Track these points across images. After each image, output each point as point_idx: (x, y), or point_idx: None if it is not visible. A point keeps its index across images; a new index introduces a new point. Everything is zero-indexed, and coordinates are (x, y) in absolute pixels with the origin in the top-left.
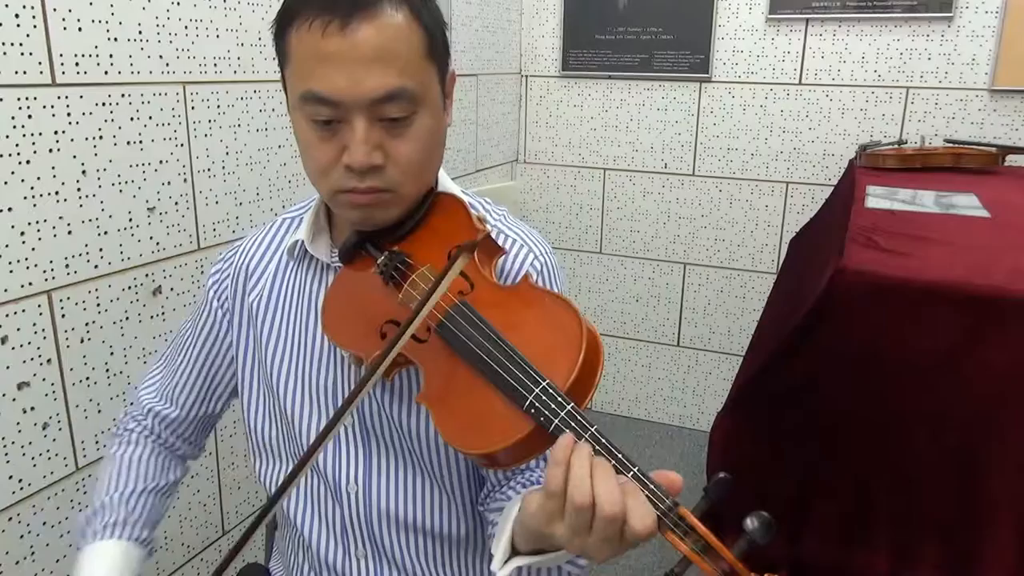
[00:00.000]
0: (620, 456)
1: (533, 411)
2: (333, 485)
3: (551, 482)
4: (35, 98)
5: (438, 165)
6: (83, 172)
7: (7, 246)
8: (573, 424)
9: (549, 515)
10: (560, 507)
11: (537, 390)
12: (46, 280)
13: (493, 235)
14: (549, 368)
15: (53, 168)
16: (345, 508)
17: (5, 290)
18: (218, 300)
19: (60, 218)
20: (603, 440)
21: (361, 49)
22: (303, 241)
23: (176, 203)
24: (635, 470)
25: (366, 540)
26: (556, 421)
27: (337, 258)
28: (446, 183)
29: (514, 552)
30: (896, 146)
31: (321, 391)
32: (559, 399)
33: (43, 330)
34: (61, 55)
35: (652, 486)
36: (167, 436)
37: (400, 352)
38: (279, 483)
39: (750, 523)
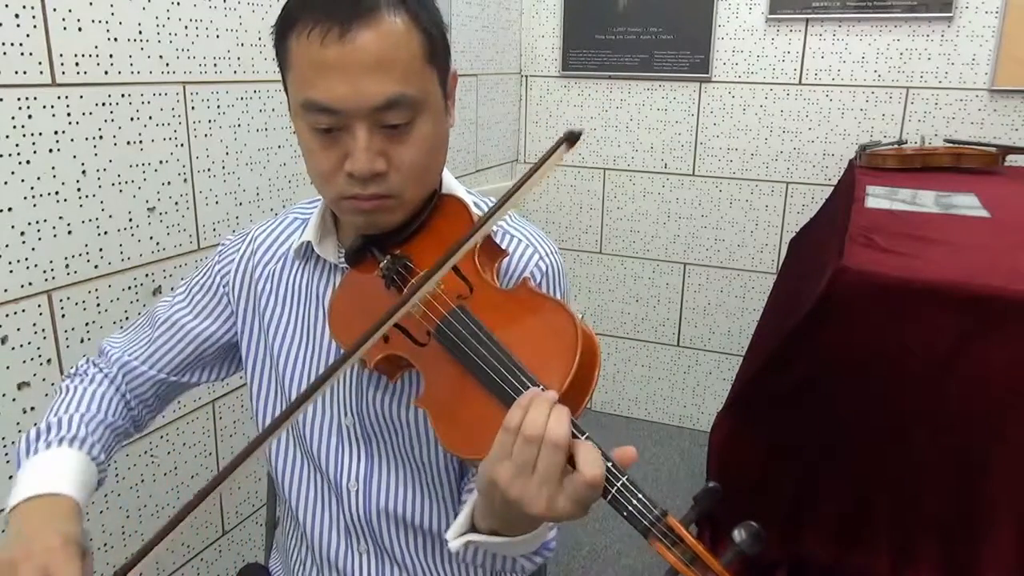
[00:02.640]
0: (610, 465)
1: None
2: (335, 483)
3: (509, 419)
4: (35, 98)
5: (441, 168)
6: (83, 172)
7: (7, 246)
8: None
9: (501, 450)
10: (511, 441)
11: None
12: (46, 280)
13: (499, 236)
14: (544, 374)
15: (53, 168)
16: (346, 505)
17: (5, 290)
18: (222, 281)
19: (60, 218)
20: (595, 449)
21: (360, 57)
22: (310, 243)
23: (176, 203)
24: (624, 479)
25: (367, 536)
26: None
27: (344, 259)
28: (451, 184)
29: (473, 529)
30: (896, 146)
31: (328, 390)
32: None
33: (43, 330)
34: (61, 55)
35: (641, 495)
36: (125, 391)
37: (400, 355)
38: (287, 475)
39: (738, 534)
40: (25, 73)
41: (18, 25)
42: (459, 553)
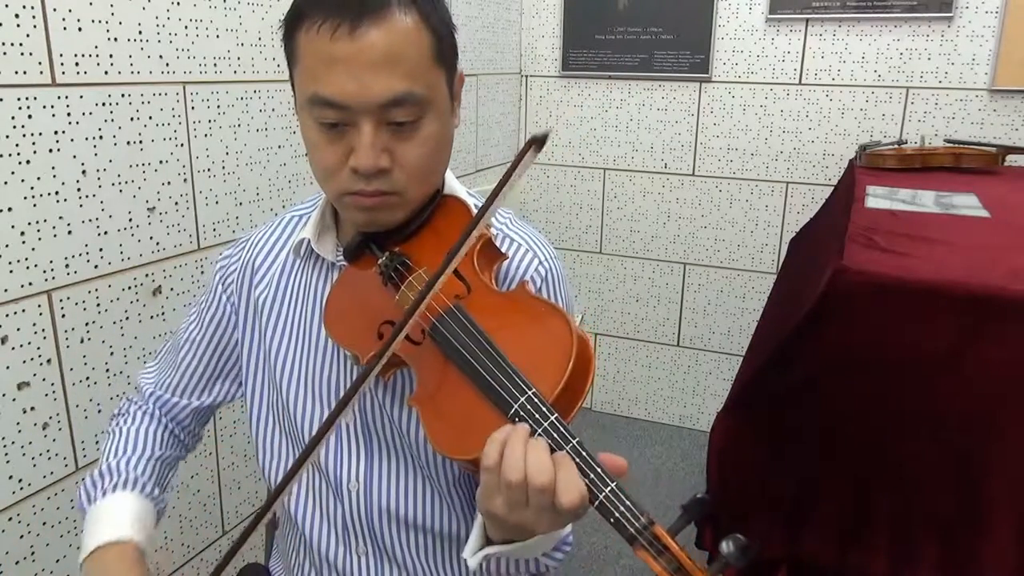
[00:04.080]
0: (599, 471)
1: (518, 420)
2: (334, 483)
3: (486, 457)
4: (35, 98)
5: (444, 168)
6: (83, 172)
7: (7, 246)
8: (555, 435)
9: (487, 489)
10: (496, 482)
11: (523, 399)
12: (46, 280)
13: (498, 239)
14: (537, 377)
15: (53, 168)
16: (346, 505)
17: (5, 290)
18: (226, 293)
19: (60, 218)
20: (583, 453)
21: (369, 53)
22: (309, 240)
23: (176, 203)
24: (612, 485)
25: (367, 537)
26: (539, 431)
27: (342, 257)
28: (452, 185)
29: (487, 542)
30: (896, 146)
31: (324, 389)
32: (543, 409)
33: (43, 330)
34: (61, 55)
35: (629, 502)
36: (167, 422)
37: (395, 353)
38: (280, 479)
39: (726, 547)
40: (25, 73)
41: (18, 25)
42: (481, 567)
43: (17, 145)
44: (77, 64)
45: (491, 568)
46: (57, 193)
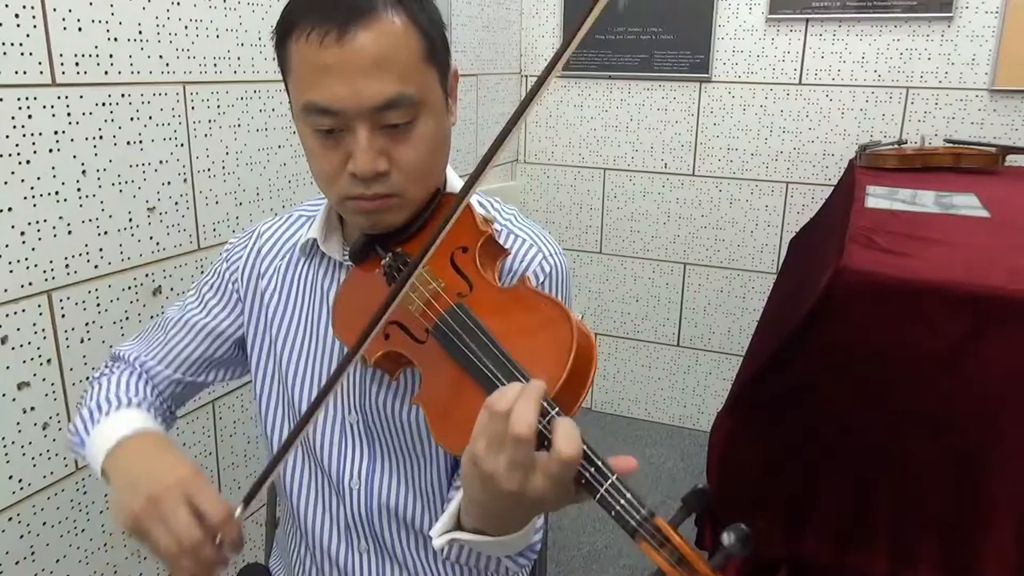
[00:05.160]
0: (599, 464)
1: None
2: (336, 481)
3: (496, 403)
4: (35, 98)
5: (443, 166)
6: (83, 172)
7: (7, 246)
8: None
9: (482, 426)
10: (487, 422)
11: None
12: (46, 280)
13: (502, 236)
14: (538, 372)
15: (53, 168)
16: (348, 504)
17: (5, 290)
18: (230, 273)
19: (60, 218)
20: (584, 446)
21: (359, 58)
22: (316, 240)
23: (176, 203)
24: (613, 478)
25: (368, 535)
26: (539, 426)
27: (349, 257)
28: (455, 183)
29: (458, 527)
30: (896, 146)
31: None
32: (544, 404)
33: (43, 330)
34: (61, 55)
35: (630, 495)
36: (152, 386)
37: (400, 352)
38: (288, 473)
39: (727, 537)
40: (25, 73)
41: (18, 25)
42: (443, 551)
43: (17, 145)
44: (77, 64)
45: (453, 554)
46: (57, 193)
